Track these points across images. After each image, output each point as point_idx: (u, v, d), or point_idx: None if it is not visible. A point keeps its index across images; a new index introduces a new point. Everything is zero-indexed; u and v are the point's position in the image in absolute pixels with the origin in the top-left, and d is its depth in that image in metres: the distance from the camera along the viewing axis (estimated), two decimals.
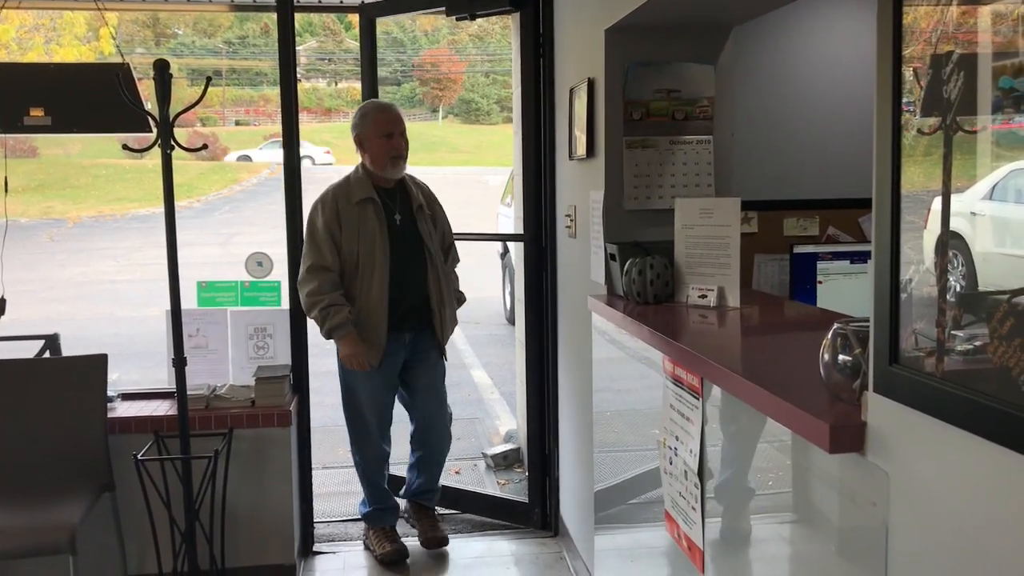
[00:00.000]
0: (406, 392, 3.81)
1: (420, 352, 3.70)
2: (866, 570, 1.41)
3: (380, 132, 3.53)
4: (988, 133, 1.11)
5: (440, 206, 3.80)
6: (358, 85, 4.33)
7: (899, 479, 1.31)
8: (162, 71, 3.00)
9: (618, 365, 2.97)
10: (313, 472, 3.94)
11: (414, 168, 3.83)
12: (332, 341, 3.56)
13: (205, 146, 3.66)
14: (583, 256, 3.35)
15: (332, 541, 3.99)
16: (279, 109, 3.77)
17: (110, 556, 3.33)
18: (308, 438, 3.91)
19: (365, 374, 3.57)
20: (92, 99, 3.35)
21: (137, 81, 3.32)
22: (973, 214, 1.17)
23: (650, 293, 2.73)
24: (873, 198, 1.33)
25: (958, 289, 1.19)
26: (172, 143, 3.07)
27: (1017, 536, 1.07)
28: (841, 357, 1.49)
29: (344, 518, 4.21)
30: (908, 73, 1.26)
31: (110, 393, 3.48)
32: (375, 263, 3.49)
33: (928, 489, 1.25)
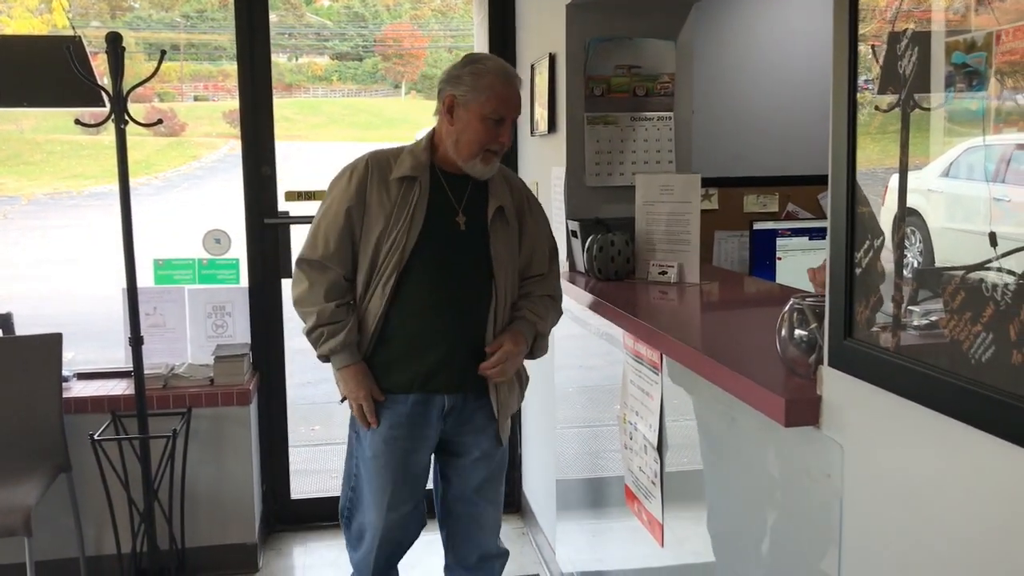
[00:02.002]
0: (441, 483, 2.63)
1: (465, 432, 2.50)
2: (821, 541, 1.43)
3: (490, 111, 2.33)
4: (943, 110, 1.12)
5: (539, 214, 2.58)
6: (319, 60, 4.21)
7: (853, 452, 1.33)
8: (114, 44, 2.94)
9: (580, 342, 2.98)
10: (278, 451, 3.92)
11: (375, 145, 3.52)
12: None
13: (160, 121, 3.60)
14: None
15: (296, 521, 3.98)
16: (238, 85, 3.71)
17: (67, 537, 3.29)
18: (282, 416, 3.89)
19: (382, 442, 2.45)
20: (43, 72, 3.27)
21: (92, 55, 3.25)
22: (930, 191, 1.18)
23: (611, 270, 2.74)
24: (829, 174, 1.33)
25: (915, 265, 1.21)
26: (126, 118, 3.01)
27: (967, 506, 1.09)
28: (797, 332, 1.50)
29: (308, 496, 4.19)
30: (866, 51, 1.26)
31: (65, 373, 3.42)
32: (388, 274, 2.35)
33: (882, 461, 1.27)
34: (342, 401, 2.51)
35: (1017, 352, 0.98)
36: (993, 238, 1.03)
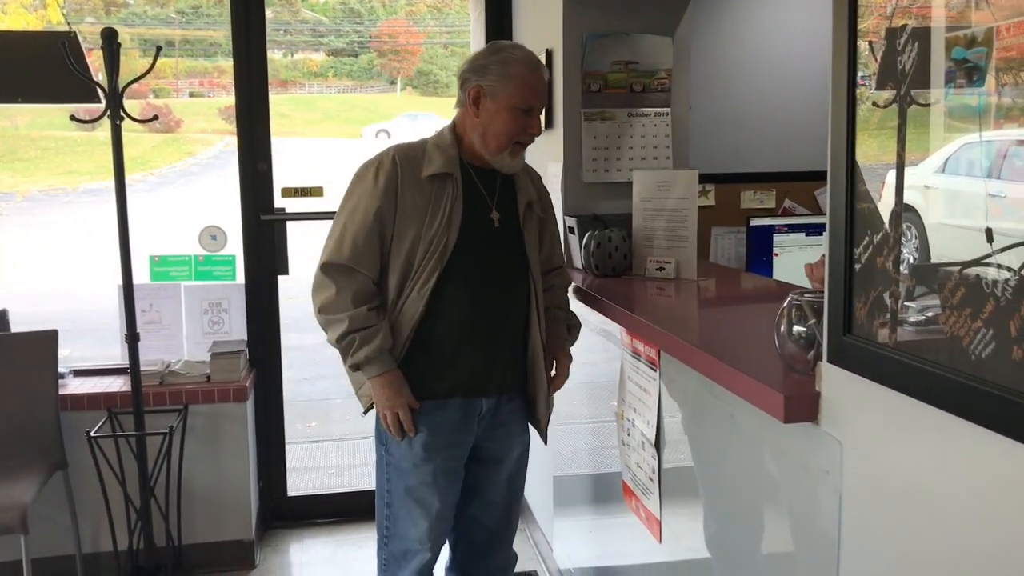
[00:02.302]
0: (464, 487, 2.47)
1: (497, 436, 2.42)
2: (820, 538, 1.43)
3: (519, 101, 2.24)
4: (941, 106, 1.12)
5: (551, 204, 2.55)
6: (315, 56, 4.19)
7: (852, 448, 1.33)
8: (110, 40, 2.93)
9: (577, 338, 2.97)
10: (275, 447, 3.91)
11: (373, 141, 3.59)
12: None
13: (156, 117, 3.58)
14: None
15: (292, 517, 3.97)
16: (233, 81, 3.70)
17: (63, 534, 3.28)
18: (278, 413, 3.88)
19: (423, 452, 2.31)
20: (38, 68, 3.25)
21: (87, 51, 3.24)
22: (926, 187, 1.18)
23: (608, 266, 2.74)
24: (829, 170, 1.33)
25: (911, 261, 1.20)
26: (122, 114, 3.01)
27: (968, 503, 1.09)
28: (796, 328, 1.50)
29: (305, 492, 4.19)
30: (864, 46, 1.26)
31: (61, 369, 3.41)
32: (426, 276, 2.23)
33: (881, 458, 1.27)
34: (366, 412, 2.37)
35: (1017, 348, 0.98)
36: (989, 234, 1.03)
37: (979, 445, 1.05)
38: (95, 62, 3.23)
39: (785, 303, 1.52)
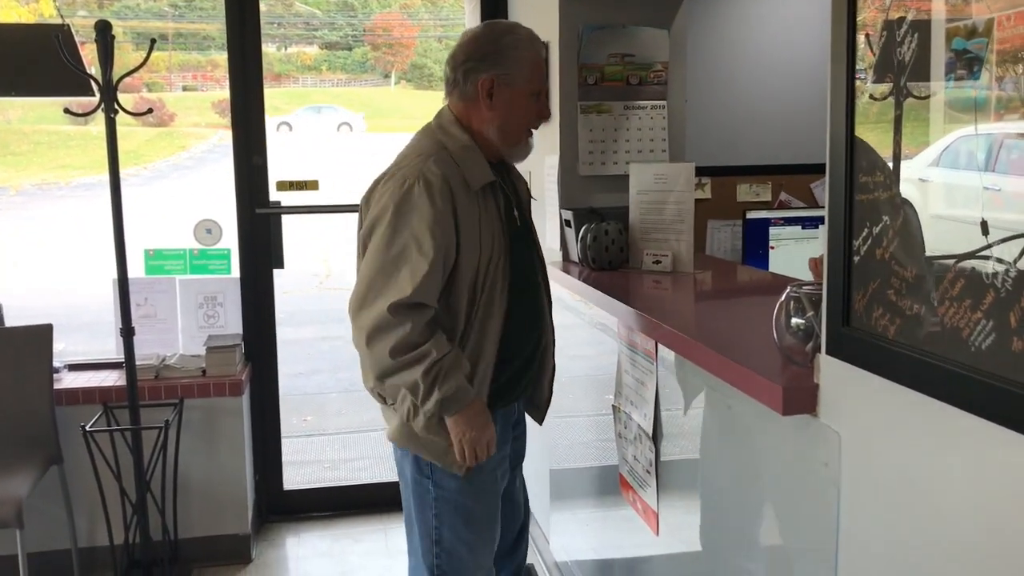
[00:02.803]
0: None
1: (517, 433, 2.41)
2: (818, 530, 1.43)
3: (537, 84, 2.14)
4: (939, 98, 1.12)
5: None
6: (308, 49, 4.17)
7: (851, 440, 1.33)
8: (104, 32, 2.92)
9: (573, 331, 2.97)
10: (271, 441, 3.91)
11: (367, 135, 3.52)
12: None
13: (150, 110, 3.57)
14: (538, 222, 3.33)
15: (288, 511, 3.97)
16: (227, 74, 3.69)
17: (59, 529, 3.27)
18: (274, 407, 3.88)
19: (487, 476, 2.18)
20: (31, 61, 3.23)
21: (80, 45, 3.22)
22: (922, 180, 1.18)
23: (605, 259, 2.74)
24: (827, 162, 1.33)
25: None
26: (116, 107, 2.99)
27: (965, 494, 1.09)
28: (794, 320, 1.50)
29: (300, 486, 4.19)
30: (861, 39, 1.26)
31: (56, 364, 3.40)
32: (498, 291, 2.09)
33: (879, 449, 1.27)
34: (461, 470, 2.10)
35: (1017, 339, 0.98)
36: (985, 226, 1.03)
37: (979, 436, 1.05)
38: (88, 55, 3.22)
39: (784, 295, 1.52)
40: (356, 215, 2.17)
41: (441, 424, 2.05)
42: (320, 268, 10.56)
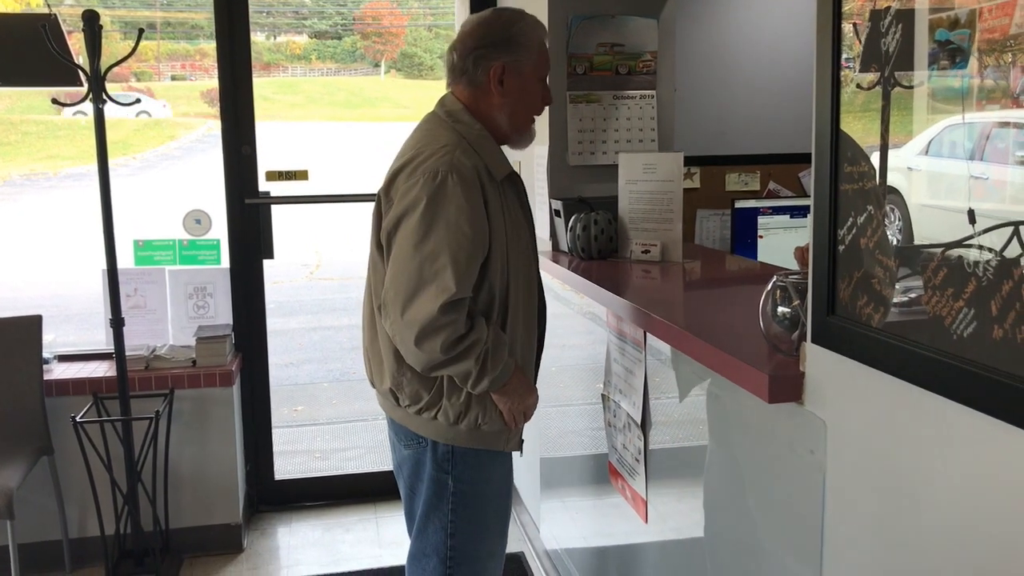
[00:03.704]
0: None
1: None
2: (804, 516, 1.44)
3: (544, 69, 2.15)
4: (925, 88, 1.13)
5: None
6: (298, 38, 4.15)
7: (836, 427, 1.35)
8: (91, 22, 2.91)
9: (562, 321, 2.98)
10: (262, 431, 3.91)
11: (356, 124, 3.50)
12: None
13: (139, 100, 3.56)
14: None
15: (280, 501, 3.98)
16: (216, 64, 3.68)
17: (50, 520, 3.28)
18: (264, 397, 3.88)
19: (505, 470, 2.23)
20: (18, 51, 3.22)
21: (67, 34, 3.21)
22: (910, 169, 1.19)
23: (594, 248, 2.75)
24: (813, 152, 1.34)
25: (895, 242, 1.21)
26: (104, 97, 2.98)
27: (948, 480, 1.11)
28: (780, 309, 1.51)
29: (292, 476, 4.19)
30: (848, 28, 1.27)
31: (46, 355, 3.40)
32: (522, 277, 2.11)
33: (864, 436, 1.28)
34: (515, 445, 2.18)
35: (998, 327, 0.99)
36: (972, 215, 1.04)
37: (961, 423, 1.06)
38: (76, 44, 3.20)
39: (770, 284, 1.53)
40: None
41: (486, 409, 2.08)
42: (311, 258, 10.55)
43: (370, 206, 2.16)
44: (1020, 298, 0.96)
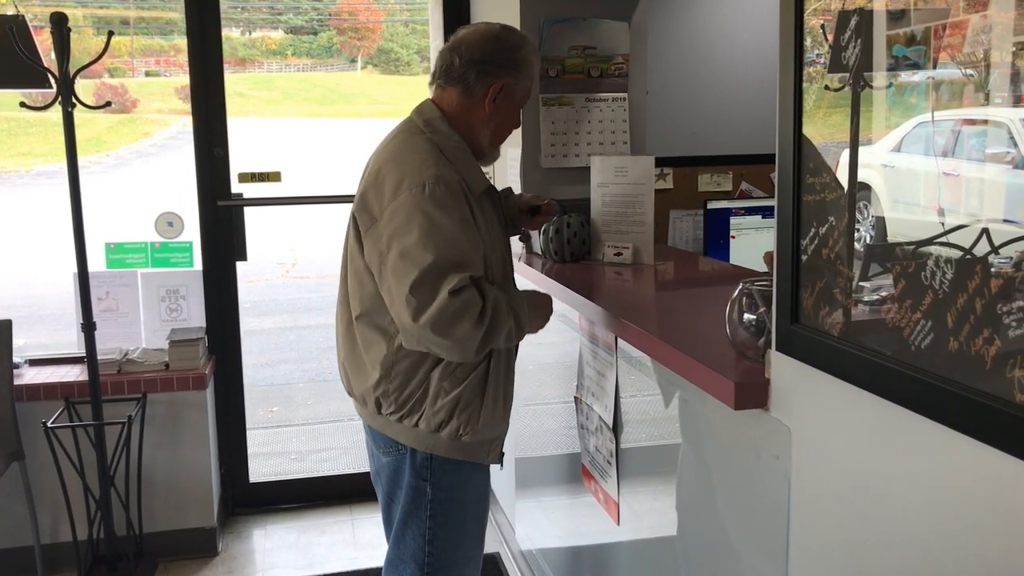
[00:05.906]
0: None
1: None
2: (770, 520, 1.46)
3: (527, 99, 2.18)
4: (890, 89, 1.14)
5: None
6: (273, 34, 4.11)
7: (800, 434, 1.36)
8: (60, 25, 2.88)
9: None
10: (236, 435, 3.90)
11: (331, 120, 3.44)
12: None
13: (109, 103, 3.53)
14: None
15: (255, 504, 3.97)
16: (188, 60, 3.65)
17: (21, 526, 3.25)
18: (239, 400, 3.87)
19: (483, 476, 2.24)
20: None
21: (37, 30, 3.17)
22: (883, 166, 1.20)
23: (567, 251, 2.76)
24: (776, 163, 1.35)
25: (868, 240, 1.23)
26: (74, 100, 2.96)
27: (907, 487, 1.13)
28: (747, 316, 1.53)
29: (267, 479, 4.18)
30: (817, 26, 1.27)
31: (16, 359, 3.37)
32: (509, 285, 2.17)
33: (827, 443, 1.30)
34: (495, 459, 2.22)
35: (954, 339, 1.01)
36: (941, 212, 1.06)
37: (918, 432, 1.08)
38: (45, 41, 3.17)
39: (736, 291, 1.55)
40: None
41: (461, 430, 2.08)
42: (286, 256, 10.50)
43: (345, 206, 2.12)
44: (975, 311, 0.98)
